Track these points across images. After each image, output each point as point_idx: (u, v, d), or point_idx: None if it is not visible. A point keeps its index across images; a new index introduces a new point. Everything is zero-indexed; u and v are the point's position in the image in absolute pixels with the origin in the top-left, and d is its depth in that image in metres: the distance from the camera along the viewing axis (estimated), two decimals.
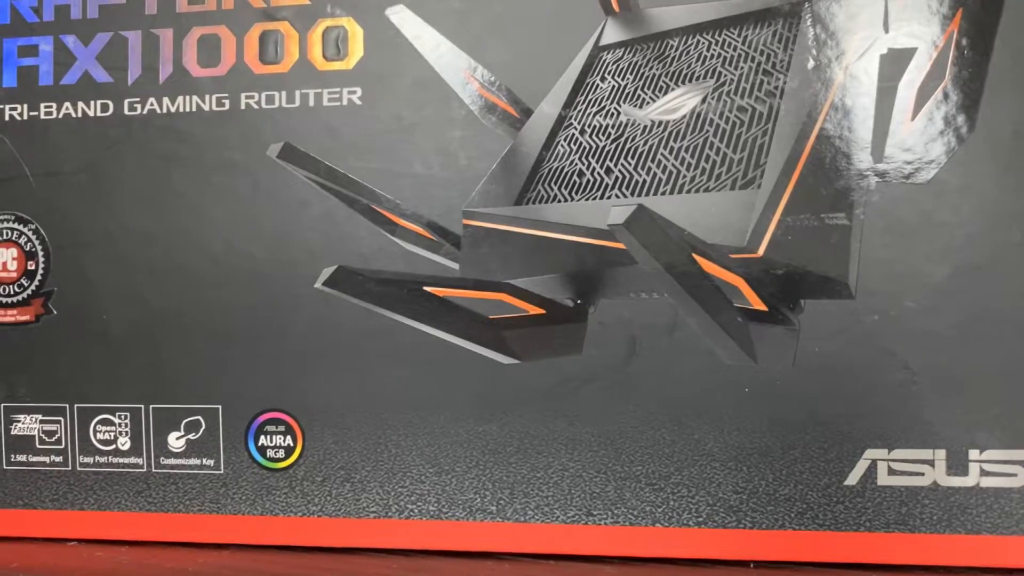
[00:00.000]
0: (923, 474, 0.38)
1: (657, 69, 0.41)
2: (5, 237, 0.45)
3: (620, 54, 0.41)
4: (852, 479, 0.39)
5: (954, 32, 0.38)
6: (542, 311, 0.41)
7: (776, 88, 0.39)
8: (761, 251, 0.39)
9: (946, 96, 0.38)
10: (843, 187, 0.38)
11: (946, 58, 0.38)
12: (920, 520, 0.38)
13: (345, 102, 0.42)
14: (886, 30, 0.38)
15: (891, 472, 0.39)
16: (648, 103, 0.40)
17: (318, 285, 0.42)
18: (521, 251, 0.41)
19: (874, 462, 0.39)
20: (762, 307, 0.39)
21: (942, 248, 0.38)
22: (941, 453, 0.38)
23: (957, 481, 0.38)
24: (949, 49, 0.38)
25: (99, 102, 0.44)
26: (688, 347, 0.40)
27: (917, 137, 0.38)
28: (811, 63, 0.39)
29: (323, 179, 0.42)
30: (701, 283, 0.39)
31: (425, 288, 0.42)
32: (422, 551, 0.42)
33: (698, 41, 0.40)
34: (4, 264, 0.45)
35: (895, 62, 0.38)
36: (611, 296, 0.40)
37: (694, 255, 0.39)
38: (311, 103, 0.42)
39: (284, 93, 0.43)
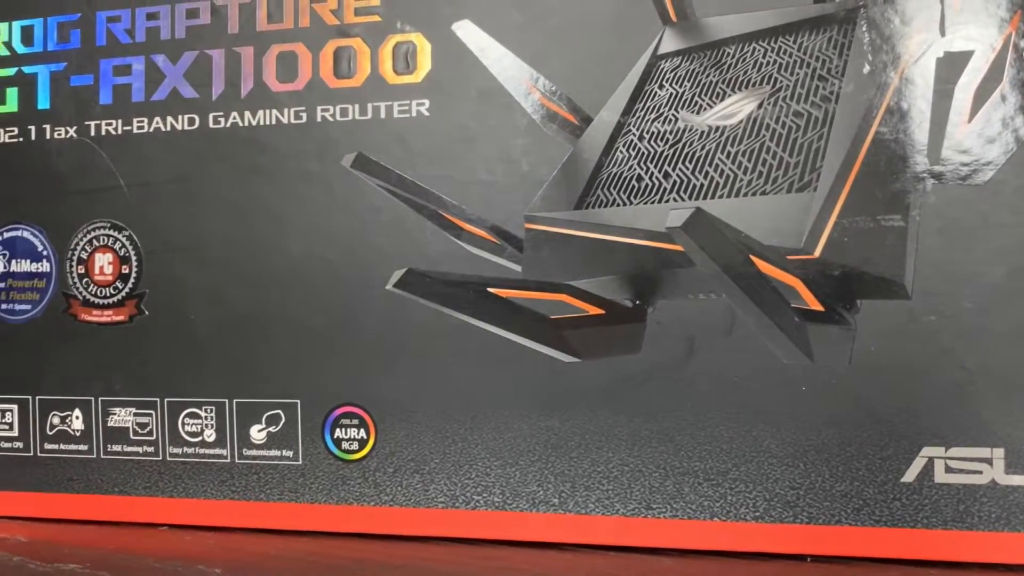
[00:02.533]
0: (981, 472, 0.38)
1: (714, 76, 0.41)
2: (102, 243, 0.48)
3: (678, 62, 0.42)
4: (909, 476, 0.39)
5: (1012, 34, 0.38)
6: (602, 311, 0.42)
7: (832, 93, 0.39)
8: (818, 252, 0.39)
9: (1003, 98, 0.38)
10: (899, 189, 0.39)
11: (1004, 60, 0.38)
12: (978, 518, 0.38)
13: (414, 114, 0.44)
14: (942, 34, 0.38)
15: (948, 470, 0.39)
16: (705, 109, 0.41)
17: (389, 287, 0.44)
18: (581, 254, 0.42)
19: (931, 460, 0.39)
20: (819, 307, 0.39)
21: (999, 249, 0.38)
22: (999, 451, 0.38)
23: (1016, 479, 0.38)
24: (1007, 51, 0.38)
25: (186, 116, 0.47)
26: (745, 347, 0.40)
27: (974, 139, 0.38)
28: (866, 68, 0.39)
29: (393, 187, 0.44)
30: (758, 284, 0.40)
31: (489, 289, 0.43)
32: (487, 540, 0.43)
33: (754, 48, 0.41)
34: (101, 268, 0.48)
35: (951, 65, 0.38)
36: (669, 297, 0.41)
37: (751, 257, 0.40)
38: (382, 115, 0.44)
39: (357, 106, 0.44)
